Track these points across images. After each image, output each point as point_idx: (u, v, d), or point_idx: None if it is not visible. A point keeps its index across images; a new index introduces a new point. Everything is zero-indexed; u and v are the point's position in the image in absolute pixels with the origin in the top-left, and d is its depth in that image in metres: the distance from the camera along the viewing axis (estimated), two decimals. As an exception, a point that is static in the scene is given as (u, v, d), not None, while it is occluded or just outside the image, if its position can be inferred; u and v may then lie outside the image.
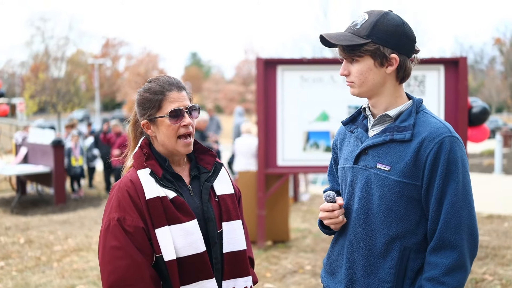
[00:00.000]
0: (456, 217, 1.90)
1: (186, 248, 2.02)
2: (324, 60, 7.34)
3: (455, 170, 1.91)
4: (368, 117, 2.12)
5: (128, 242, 1.97)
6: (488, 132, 7.27)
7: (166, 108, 2.08)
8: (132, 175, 2.08)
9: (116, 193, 2.06)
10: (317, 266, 6.33)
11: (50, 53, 41.62)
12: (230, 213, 2.17)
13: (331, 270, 2.19)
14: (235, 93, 52.49)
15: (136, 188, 2.03)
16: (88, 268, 6.44)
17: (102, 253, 2.01)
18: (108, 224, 2.01)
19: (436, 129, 1.95)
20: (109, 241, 1.99)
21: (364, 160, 2.05)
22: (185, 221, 2.03)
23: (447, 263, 1.89)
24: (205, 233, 2.09)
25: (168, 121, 2.08)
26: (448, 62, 6.80)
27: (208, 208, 2.13)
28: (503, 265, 6.24)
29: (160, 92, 2.10)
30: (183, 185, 2.14)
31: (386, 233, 1.98)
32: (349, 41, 1.97)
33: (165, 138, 2.10)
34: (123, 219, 1.99)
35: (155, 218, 2.00)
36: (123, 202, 2.02)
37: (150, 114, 2.11)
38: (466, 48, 46.44)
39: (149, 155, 2.11)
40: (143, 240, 1.99)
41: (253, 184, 7.28)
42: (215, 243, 2.11)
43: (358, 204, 2.05)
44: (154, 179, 2.06)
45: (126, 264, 1.95)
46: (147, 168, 2.08)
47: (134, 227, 1.99)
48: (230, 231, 2.15)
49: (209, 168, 2.21)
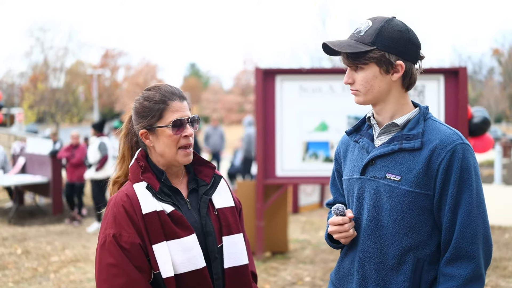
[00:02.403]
0: (472, 227, 1.85)
1: (185, 264, 1.94)
2: (323, 70, 7.33)
3: (468, 178, 1.86)
4: (374, 126, 2.06)
5: (124, 259, 1.90)
6: (492, 142, 7.22)
7: (168, 118, 2.01)
8: (128, 189, 2.01)
9: (112, 208, 1.99)
10: (317, 278, 6.27)
11: (49, 64, 41.64)
12: (231, 227, 2.10)
13: (341, 285, 2.12)
14: (234, 104, 52.62)
15: (132, 203, 1.96)
16: (86, 280, 6.38)
17: (99, 271, 1.94)
18: (104, 241, 1.94)
19: (447, 136, 1.90)
20: (105, 258, 1.92)
21: (372, 170, 1.99)
22: (183, 236, 1.95)
23: (465, 274, 1.84)
24: (205, 248, 2.01)
25: (169, 131, 2.01)
26: (448, 72, 6.78)
27: (206, 222, 2.05)
28: (504, 277, 6.18)
29: (162, 101, 2.02)
30: (180, 199, 2.06)
31: (399, 245, 1.92)
32: (353, 48, 1.92)
33: (165, 148, 2.02)
34: (119, 235, 1.92)
35: (152, 233, 1.93)
36: (119, 217, 1.95)
37: (149, 123, 2.03)
38: (465, 58, 46.58)
39: (146, 167, 2.04)
40: (140, 257, 1.92)
41: (251, 195, 7.23)
42: (215, 258, 2.03)
43: (368, 216, 1.99)
44: (151, 193, 1.99)
45: (122, 282, 1.88)
46: (143, 181, 2.01)
47: (130, 244, 1.91)
48: (231, 246, 2.07)
49: (207, 180, 2.14)
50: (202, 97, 58.21)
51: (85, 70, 49.72)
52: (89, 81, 47.32)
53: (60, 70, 42.34)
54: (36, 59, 43.61)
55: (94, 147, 9.63)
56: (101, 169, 9.57)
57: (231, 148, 20.00)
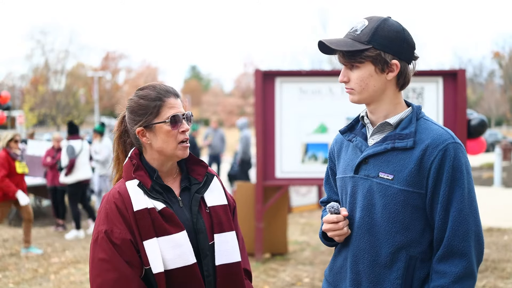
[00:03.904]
0: (464, 225, 1.88)
1: (176, 260, 1.98)
2: (323, 72, 7.35)
3: (460, 177, 1.89)
4: (367, 125, 2.09)
5: (115, 254, 1.94)
6: (485, 145, 7.25)
7: (165, 114, 2.06)
8: (121, 187, 2.05)
9: (104, 205, 2.03)
10: (316, 279, 6.29)
11: (50, 66, 41.77)
12: (223, 225, 2.13)
13: (334, 282, 2.15)
14: (234, 106, 52.67)
15: (124, 200, 2.00)
16: (86, 280, 6.40)
17: (92, 266, 1.99)
18: (96, 237, 1.99)
19: (439, 135, 1.93)
20: (98, 253, 1.97)
21: (365, 169, 2.01)
22: (173, 232, 1.99)
23: (456, 271, 1.86)
24: (196, 245, 2.05)
25: (167, 127, 2.05)
26: (447, 74, 6.80)
27: (198, 219, 2.08)
28: (503, 278, 6.20)
29: (158, 98, 2.07)
30: (172, 197, 2.10)
31: (391, 243, 1.95)
32: (349, 46, 1.94)
33: (163, 144, 2.06)
34: (110, 232, 1.97)
35: (143, 230, 1.97)
36: (111, 214, 1.99)
37: (146, 121, 2.07)
38: (465, 61, 46.66)
39: (138, 166, 2.08)
40: (131, 253, 1.96)
41: (251, 196, 7.25)
42: (206, 255, 2.06)
43: (361, 215, 2.01)
44: (143, 191, 2.03)
45: (114, 277, 1.93)
46: (135, 179, 2.05)
47: (121, 240, 1.96)
48: (222, 243, 2.10)
49: (200, 179, 2.17)
50: (203, 99, 58.31)
51: (85, 72, 49.82)
52: (89, 83, 47.36)
53: (61, 72, 42.49)
54: (37, 61, 43.75)
55: (63, 151, 9.37)
56: (70, 174, 9.14)
57: (231, 151, 20.02)
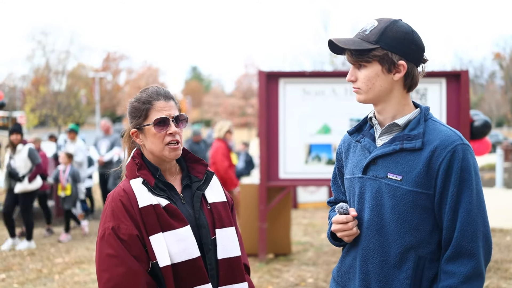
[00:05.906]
0: (472, 225, 1.89)
1: (181, 253, 2.05)
2: (326, 73, 7.36)
3: (468, 178, 1.91)
4: (375, 126, 2.10)
5: (123, 250, 2.01)
6: (490, 146, 7.27)
7: (153, 117, 2.14)
8: (125, 185, 2.13)
9: (110, 203, 2.10)
10: (319, 279, 6.31)
11: (51, 67, 41.82)
12: (223, 220, 2.21)
13: (342, 282, 2.17)
14: (235, 107, 52.65)
15: (129, 197, 2.07)
16: (90, 281, 6.42)
17: (99, 262, 2.04)
18: (103, 234, 2.05)
19: (448, 137, 1.94)
20: (105, 249, 2.03)
21: (374, 170, 2.03)
22: (178, 227, 2.06)
23: (465, 272, 1.88)
24: (199, 240, 2.12)
25: (153, 130, 2.13)
26: (450, 75, 6.82)
27: (200, 215, 2.16)
28: (506, 278, 6.22)
29: (148, 101, 2.15)
30: (175, 194, 2.17)
31: (401, 244, 1.96)
32: (357, 45, 1.97)
33: (152, 145, 2.15)
34: (117, 228, 2.03)
35: (149, 225, 2.04)
36: (117, 211, 2.06)
37: (138, 123, 2.17)
38: (466, 62, 46.63)
39: (141, 165, 2.16)
40: (138, 248, 2.03)
41: (254, 197, 7.27)
42: (209, 249, 2.14)
43: (370, 215, 2.02)
44: (147, 188, 2.10)
45: (122, 271, 1.98)
46: (139, 177, 2.13)
47: (128, 235, 2.02)
48: (224, 238, 2.18)
49: (200, 177, 2.25)
50: (204, 100, 58.31)
51: (87, 73, 49.90)
52: (91, 84, 47.45)
53: (62, 73, 42.54)
54: (38, 62, 43.83)
55: (23, 155, 8.55)
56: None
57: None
